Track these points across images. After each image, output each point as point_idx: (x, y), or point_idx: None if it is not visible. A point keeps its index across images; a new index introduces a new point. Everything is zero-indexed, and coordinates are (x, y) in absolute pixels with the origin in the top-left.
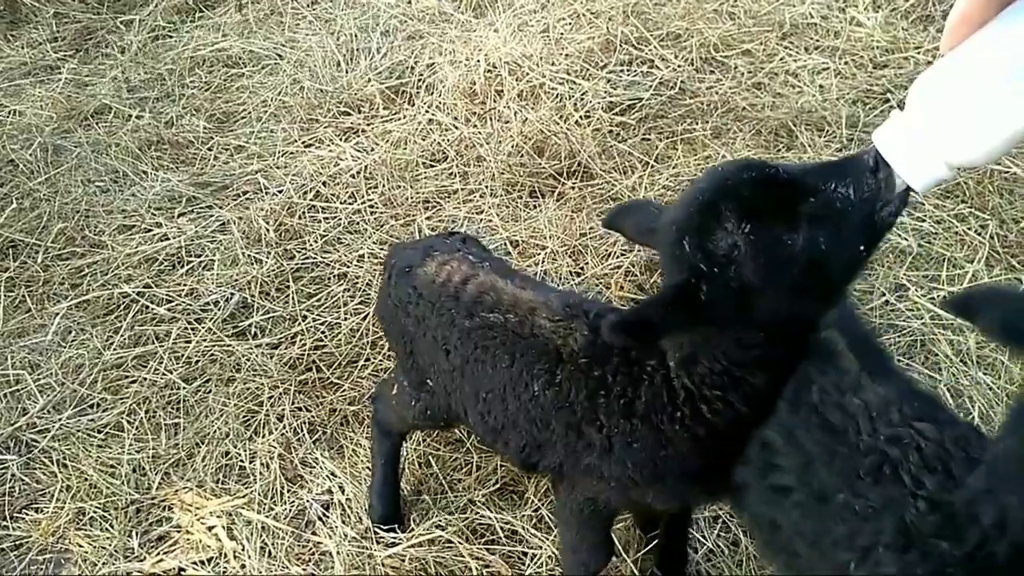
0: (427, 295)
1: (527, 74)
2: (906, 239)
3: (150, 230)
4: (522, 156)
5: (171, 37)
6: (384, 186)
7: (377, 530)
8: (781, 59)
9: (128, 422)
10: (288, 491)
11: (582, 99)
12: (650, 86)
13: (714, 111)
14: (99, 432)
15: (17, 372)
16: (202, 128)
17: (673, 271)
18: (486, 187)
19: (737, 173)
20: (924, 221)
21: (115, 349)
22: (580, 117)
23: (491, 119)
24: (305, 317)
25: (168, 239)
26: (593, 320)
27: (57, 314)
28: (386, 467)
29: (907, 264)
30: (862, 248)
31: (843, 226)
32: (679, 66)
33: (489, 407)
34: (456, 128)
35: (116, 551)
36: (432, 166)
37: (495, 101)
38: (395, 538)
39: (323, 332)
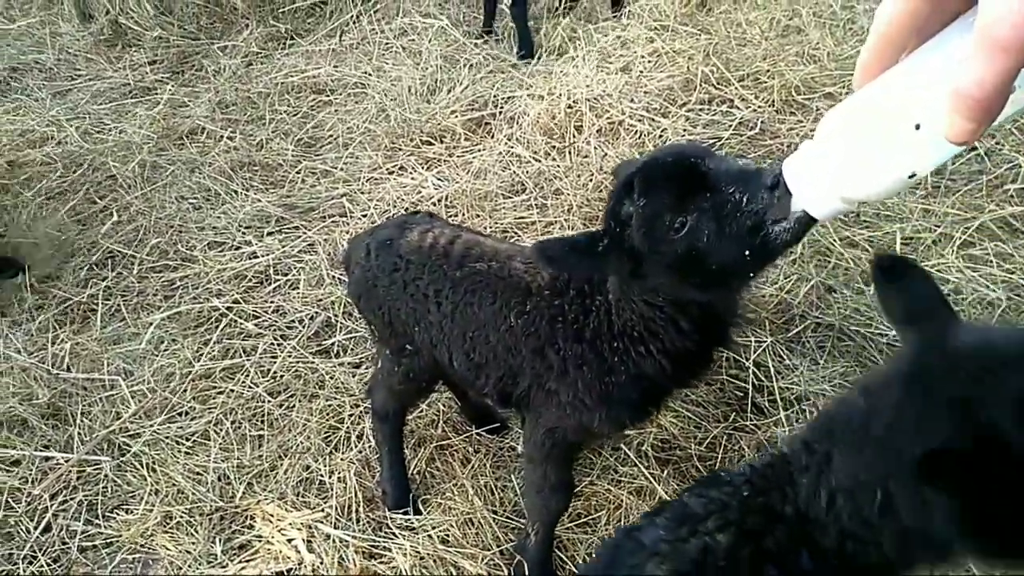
0: (416, 259)
1: (607, 110)
2: (995, 291)
3: (239, 248)
4: (601, 191)
5: (263, 63)
6: (464, 215)
7: (394, 516)
8: None
9: (215, 431)
10: (365, 508)
11: (661, 136)
12: (730, 125)
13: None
14: (187, 440)
15: (112, 377)
16: (291, 152)
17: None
18: (564, 220)
19: (663, 155)
20: (1014, 273)
21: (204, 360)
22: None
23: (570, 153)
24: None
25: (257, 257)
26: None
27: (151, 324)
28: (392, 452)
29: (996, 317)
30: (747, 252)
31: (728, 227)
32: (759, 107)
33: (475, 344)
34: (535, 161)
35: (200, 556)
36: (510, 197)
37: (575, 136)
38: (410, 521)
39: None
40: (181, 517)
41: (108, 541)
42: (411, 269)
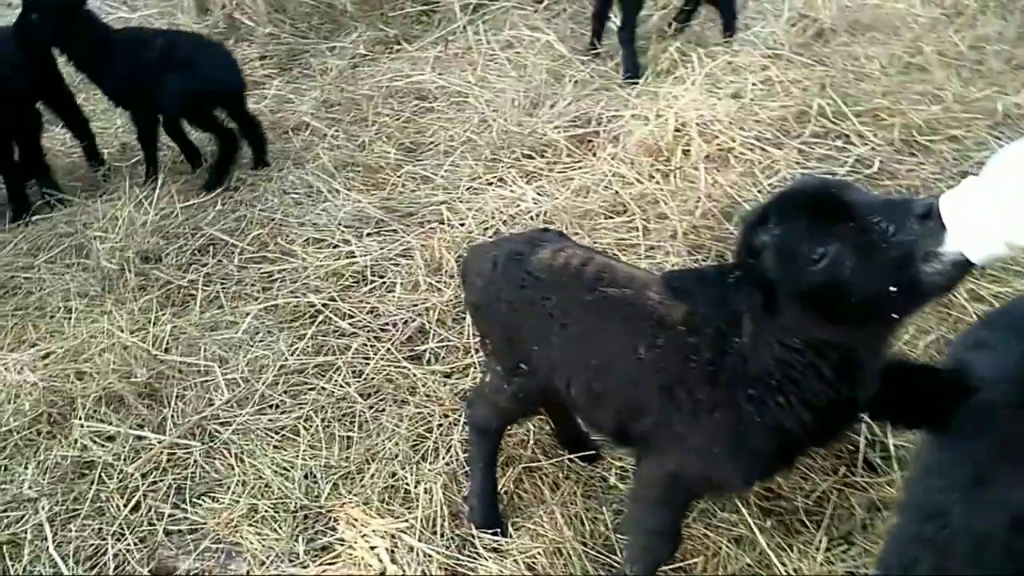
0: (546, 277)
1: (716, 136)
2: None
3: (338, 246)
4: (708, 219)
5: (369, 66)
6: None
7: (480, 535)
8: (991, 150)
9: (304, 428)
10: (450, 524)
11: (772, 167)
12: (845, 162)
13: (915, 195)
14: (276, 433)
15: (208, 363)
16: (392, 155)
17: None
18: (669, 246)
19: (799, 185)
20: None
21: (298, 355)
22: (770, 186)
23: (676, 177)
24: (478, 351)
25: (354, 257)
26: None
27: (248, 314)
28: (485, 469)
29: None
30: (893, 288)
31: (872, 258)
32: (878, 145)
33: (598, 373)
34: (639, 183)
35: (282, 553)
36: (612, 217)
37: (681, 160)
38: (497, 542)
39: None
40: (266, 511)
41: (193, 527)
42: (539, 287)
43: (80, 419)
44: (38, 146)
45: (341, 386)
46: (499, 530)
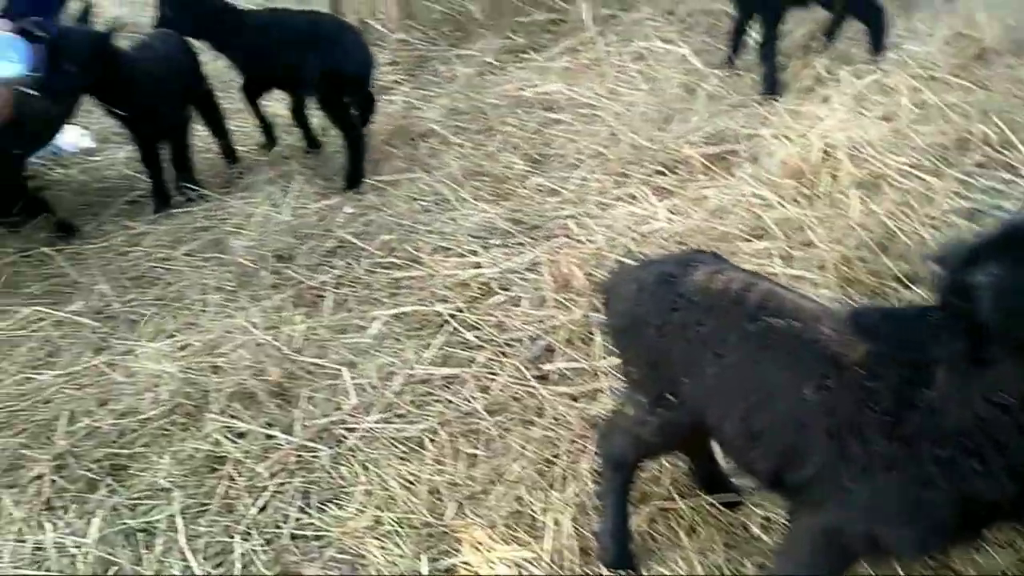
0: (702, 301)
1: (866, 161)
2: None
3: (464, 256)
4: (861, 250)
5: (496, 74)
6: None
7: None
8: None
9: (430, 440)
10: (579, 559)
11: (930, 197)
12: (1016, 197)
13: None
14: (402, 444)
15: (337, 367)
16: (519, 166)
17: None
18: (817, 276)
19: (1019, 222)
20: None
21: (425, 365)
22: (928, 217)
23: (823, 202)
24: (607, 374)
25: (481, 268)
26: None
27: (376, 319)
28: (618, 505)
29: None
30: None
31: None
32: None
33: (756, 410)
34: (782, 207)
35: (406, 571)
36: (751, 241)
37: (829, 185)
38: None
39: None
40: (391, 525)
41: (318, 533)
42: (694, 312)
43: (214, 413)
44: (186, 144)
45: (467, 400)
46: (631, 572)
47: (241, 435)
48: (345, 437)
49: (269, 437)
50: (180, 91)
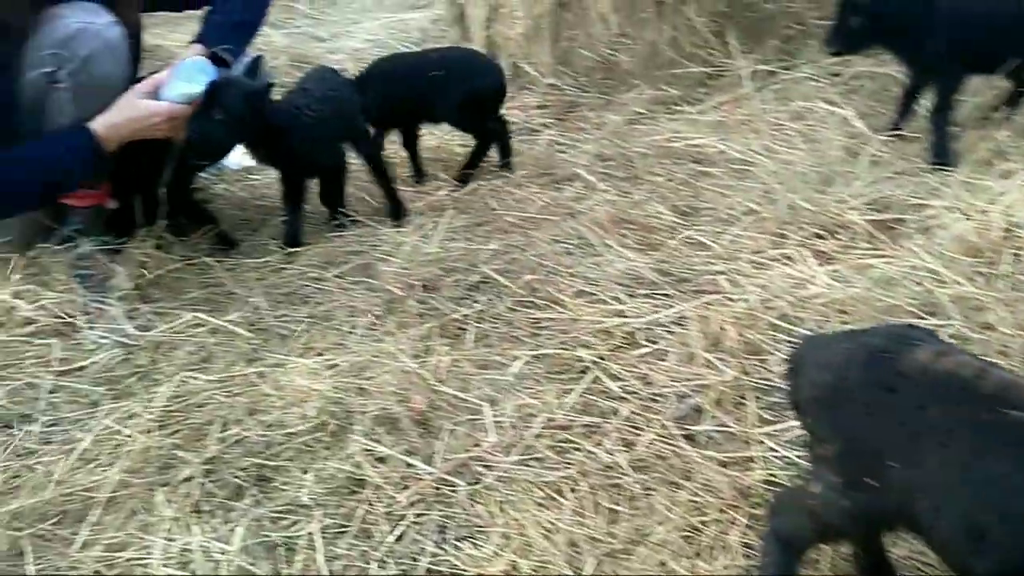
0: (925, 383)
1: None
2: None
3: (607, 303)
4: None
5: (646, 124)
6: (861, 325)
7: None
8: None
9: (569, 489)
10: None
11: None
12: None
13: None
14: (540, 489)
15: (479, 403)
16: (667, 216)
17: None
18: (1004, 363)
19: None
20: None
21: (566, 410)
22: None
23: (1005, 283)
24: (761, 443)
25: (625, 316)
26: None
27: (517, 358)
28: None
29: None
30: None
31: None
32: None
33: (982, 508)
34: (957, 284)
35: None
36: (922, 317)
37: (1012, 265)
38: None
39: (780, 466)
40: (527, 572)
41: (454, 572)
42: (915, 394)
43: (357, 435)
44: (340, 184)
45: (609, 453)
46: None
47: (382, 460)
48: (483, 475)
49: (409, 466)
50: (336, 135)
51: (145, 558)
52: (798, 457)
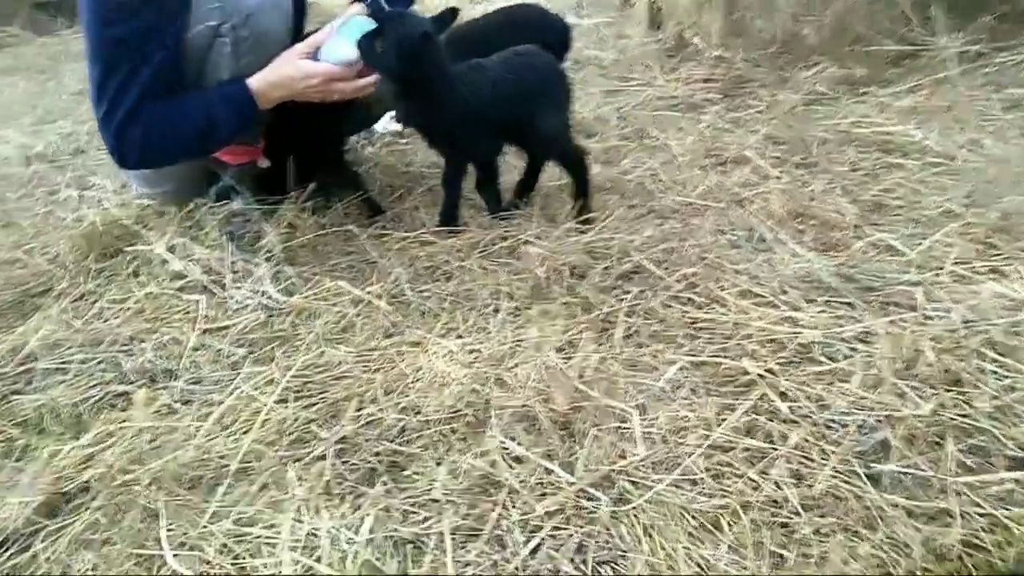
0: None
1: None
2: None
3: (777, 307)
4: None
5: (827, 105)
6: None
7: None
8: None
9: (728, 522)
10: None
11: None
12: None
13: None
14: (693, 517)
15: (626, 409)
16: (851, 212)
17: None
18: None
19: None
20: None
21: (727, 430)
22: None
23: None
24: (961, 495)
25: (799, 326)
26: None
27: (672, 362)
28: None
29: None
30: None
31: None
32: None
33: None
34: None
35: None
36: None
37: None
38: None
39: (983, 525)
40: None
41: None
42: None
43: (494, 431)
44: (493, 176)
45: (777, 486)
46: None
47: (518, 460)
48: (629, 492)
49: (548, 471)
50: (494, 124)
51: (273, 538)
52: (1006, 517)
